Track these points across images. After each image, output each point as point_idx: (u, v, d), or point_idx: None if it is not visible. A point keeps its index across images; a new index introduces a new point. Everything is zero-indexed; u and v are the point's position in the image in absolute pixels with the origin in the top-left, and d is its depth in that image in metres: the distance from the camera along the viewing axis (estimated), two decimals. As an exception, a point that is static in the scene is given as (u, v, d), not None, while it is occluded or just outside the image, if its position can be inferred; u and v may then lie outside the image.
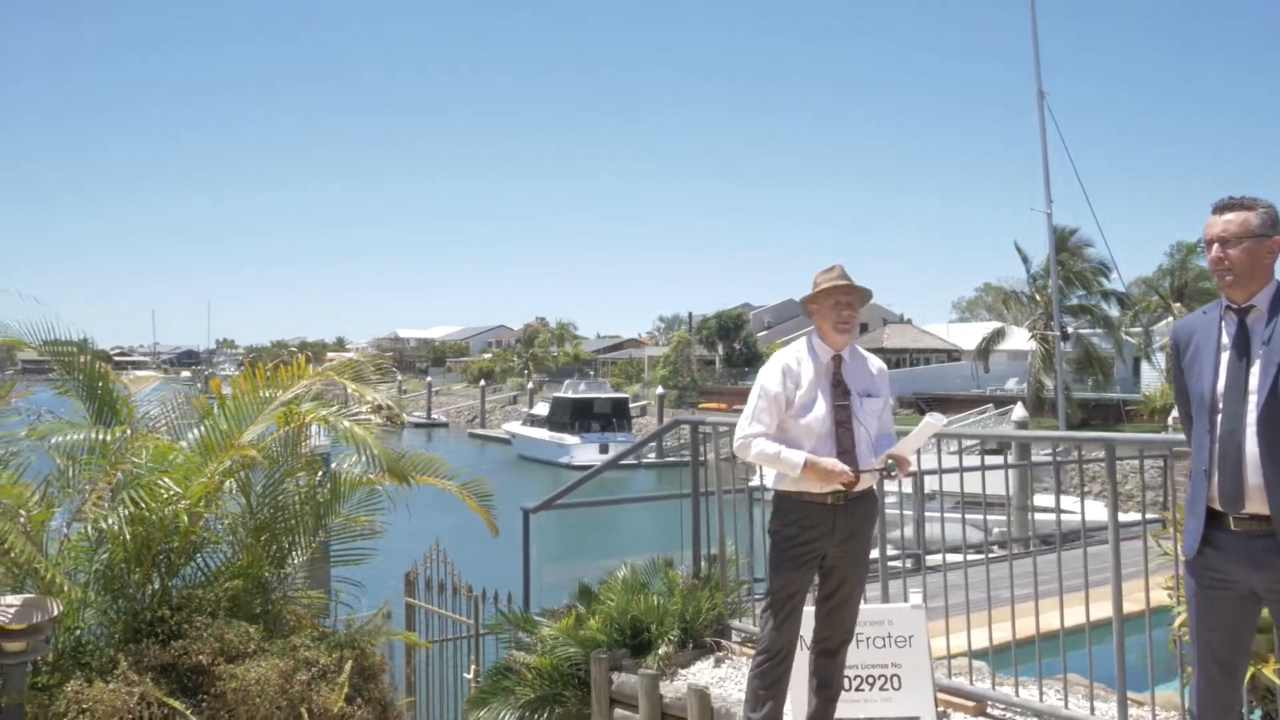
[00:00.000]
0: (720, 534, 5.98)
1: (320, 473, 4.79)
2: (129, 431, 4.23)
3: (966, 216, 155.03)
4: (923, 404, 44.68)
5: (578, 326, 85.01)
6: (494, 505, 5.30)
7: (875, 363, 4.25)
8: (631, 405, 51.32)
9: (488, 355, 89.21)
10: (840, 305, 4.03)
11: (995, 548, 8.14)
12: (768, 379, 4.06)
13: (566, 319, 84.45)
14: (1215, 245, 3.14)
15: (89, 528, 3.92)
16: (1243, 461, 3.05)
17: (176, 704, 3.67)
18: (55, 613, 3.64)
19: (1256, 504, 3.04)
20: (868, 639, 4.66)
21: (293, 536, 4.70)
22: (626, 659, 5.63)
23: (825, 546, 4.01)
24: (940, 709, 4.67)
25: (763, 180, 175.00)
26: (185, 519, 4.22)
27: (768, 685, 4.05)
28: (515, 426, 52.11)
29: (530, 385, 65.17)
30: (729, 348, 59.97)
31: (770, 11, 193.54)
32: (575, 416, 46.64)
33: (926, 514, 5.98)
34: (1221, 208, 3.17)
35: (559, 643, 5.68)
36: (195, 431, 4.58)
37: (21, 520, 3.69)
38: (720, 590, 5.94)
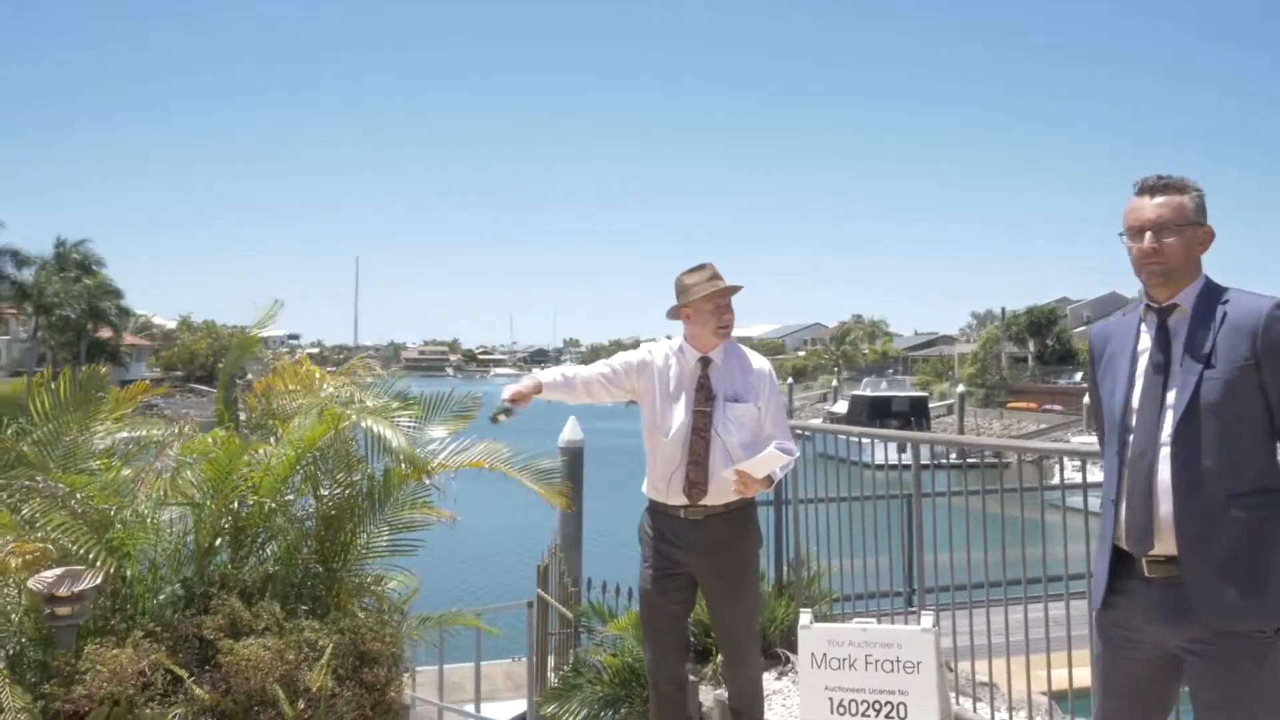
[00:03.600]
0: (795, 542, 5.80)
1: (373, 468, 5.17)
2: (186, 429, 4.80)
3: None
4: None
5: (889, 323, 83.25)
6: (556, 482, 5.41)
7: (756, 363, 3.90)
8: (936, 404, 49.52)
9: (801, 353, 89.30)
10: (721, 309, 3.82)
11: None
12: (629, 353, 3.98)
13: (880, 316, 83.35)
14: (1148, 234, 2.66)
15: (132, 512, 4.50)
16: (1153, 490, 2.59)
17: (180, 671, 4.15)
18: (91, 583, 4.23)
19: (1168, 542, 2.57)
20: (875, 661, 4.36)
21: (353, 525, 5.12)
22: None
23: (683, 560, 3.83)
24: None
25: (1084, 172, 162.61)
26: (233, 506, 4.75)
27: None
28: (815, 424, 51.91)
29: (835, 383, 64.59)
30: (1041, 345, 56.08)
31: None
32: (873, 415, 45.92)
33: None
34: (1151, 189, 2.69)
35: (626, 641, 5.74)
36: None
37: (74, 504, 4.33)
38: (795, 601, 5.75)
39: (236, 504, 4.71)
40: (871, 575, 5.59)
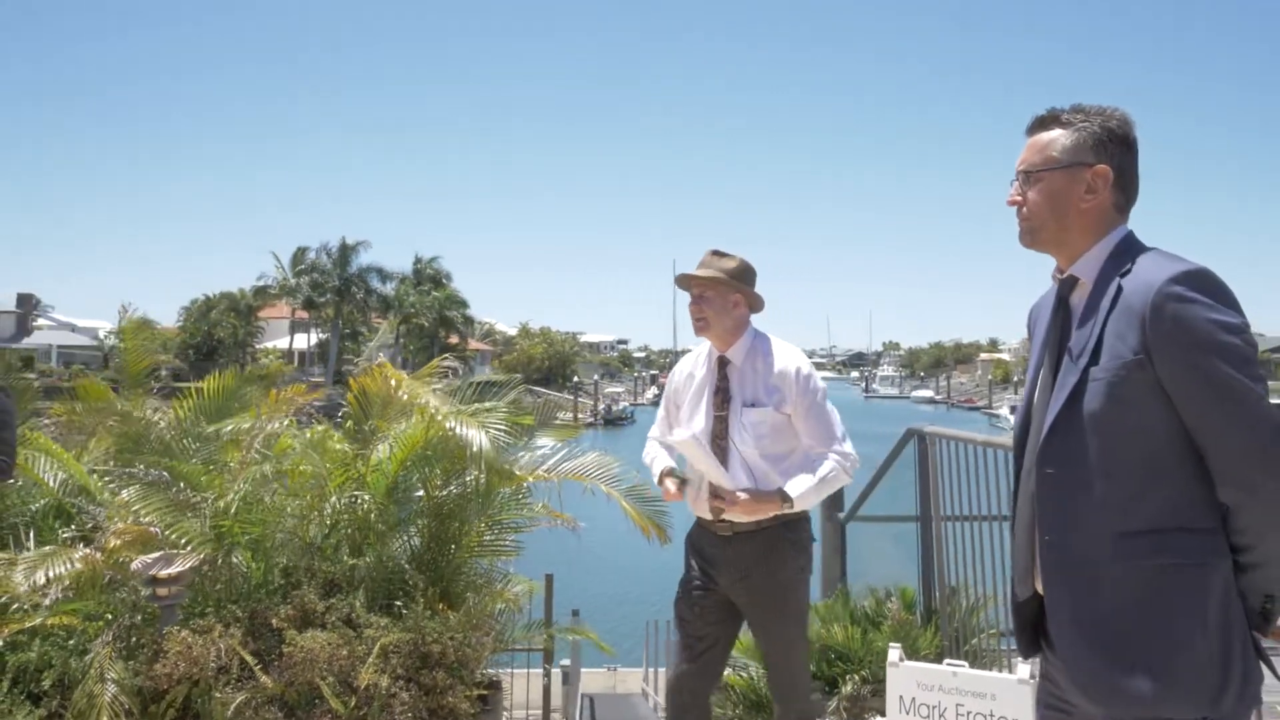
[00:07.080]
0: (939, 565, 5.07)
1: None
2: (272, 425, 4.95)
3: None
4: None
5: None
6: (665, 510, 5.13)
7: (781, 362, 3.35)
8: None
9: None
10: (691, 300, 3.40)
11: None
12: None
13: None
14: (1013, 183, 2.13)
15: (225, 502, 4.68)
16: (1031, 515, 2.04)
17: (249, 657, 4.26)
18: (182, 566, 4.44)
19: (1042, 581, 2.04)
20: (968, 713, 3.69)
21: (458, 525, 5.09)
22: (818, 693, 5.06)
23: (721, 582, 3.37)
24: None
25: None
26: (335, 501, 4.86)
27: None
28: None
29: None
30: None
31: None
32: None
33: None
34: (1031, 125, 2.13)
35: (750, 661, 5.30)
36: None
37: (174, 493, 4.58)
38: (940, 632, 5.04)
39: (336, 499, 4.79)
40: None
